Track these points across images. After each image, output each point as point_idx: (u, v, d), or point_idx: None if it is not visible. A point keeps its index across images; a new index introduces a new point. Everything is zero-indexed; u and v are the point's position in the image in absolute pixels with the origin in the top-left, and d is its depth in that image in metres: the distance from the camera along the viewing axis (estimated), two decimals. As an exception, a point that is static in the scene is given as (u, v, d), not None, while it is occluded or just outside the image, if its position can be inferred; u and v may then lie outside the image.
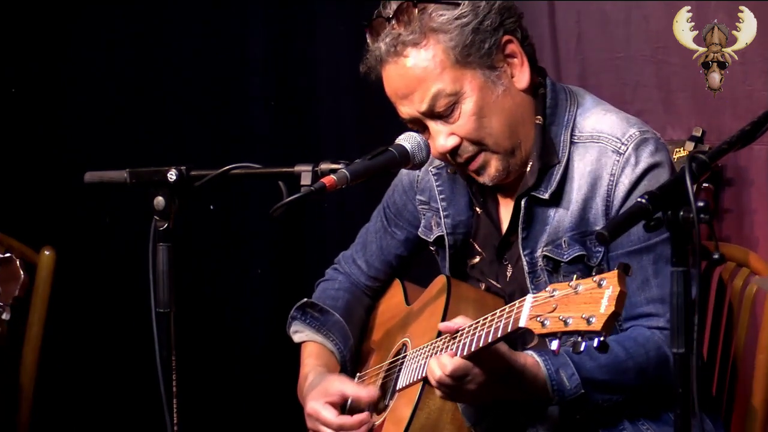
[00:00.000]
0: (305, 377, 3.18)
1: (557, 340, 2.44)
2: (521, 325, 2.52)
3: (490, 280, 3.06)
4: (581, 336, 2.40)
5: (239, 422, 4.56)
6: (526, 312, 2.52)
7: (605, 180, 2.89)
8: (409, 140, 2.85)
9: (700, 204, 2.18)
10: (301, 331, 3.26)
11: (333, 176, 2.72)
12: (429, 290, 3.11)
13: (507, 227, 3.00)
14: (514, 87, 2.93)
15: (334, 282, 3.34)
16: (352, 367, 3.25)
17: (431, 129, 2.92)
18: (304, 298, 3.28)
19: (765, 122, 2.33)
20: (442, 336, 2.82)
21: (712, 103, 3.94)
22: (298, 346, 3.27)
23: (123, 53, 4.48)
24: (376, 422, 3.01)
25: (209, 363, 4.44)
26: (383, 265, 3.31)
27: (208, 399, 4.42)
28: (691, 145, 3.81)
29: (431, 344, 2.88)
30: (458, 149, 2.91)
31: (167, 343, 2.74)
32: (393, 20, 2.89)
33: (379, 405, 3.05)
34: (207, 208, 4.48)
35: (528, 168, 2.94)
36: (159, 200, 2.76)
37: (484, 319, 2.67)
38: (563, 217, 2.92)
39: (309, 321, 3.25)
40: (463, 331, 2.74)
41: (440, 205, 3.10)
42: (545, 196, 2.92)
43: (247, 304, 4.61)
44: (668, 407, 2.83)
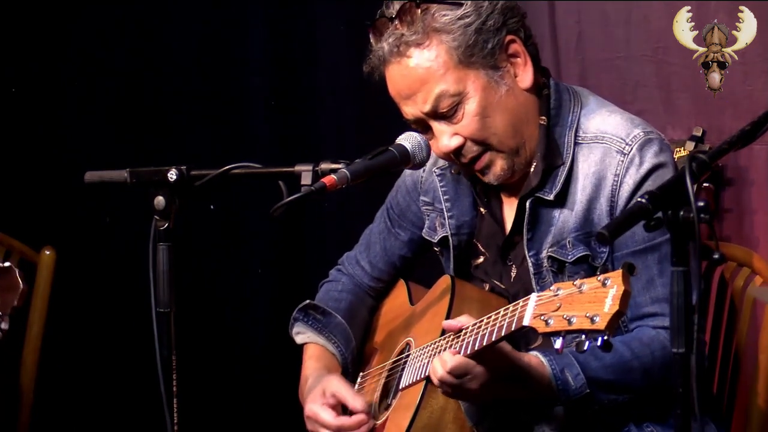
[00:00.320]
0: (306, 379, 3.18)
1: (561, 339, 2.44)
2: (525, 324, 2.52)
3: (494, 280, 3.05)
4: (585, 335, 2.40)
5: (239, 422, 4.55)
6: (531, 310, 2.52)
7: (609, 180, 2.89)
8: (410, 140, 2.85)
9: (701, 204, 2.18)
10: (303, 333, 3.25)
11: (333, 176, 2.72)
12: (433, 290, 3.10)
13: (511, 228, 3.00)
14: (517, 87, 2.92)
15: (338, 283, 3.34)
16: (354, 368, 3.24)
17: (435, 129, 2.92)
18: (305, 299, 3.27)
19: (765, 122, 2.33)
20: (446, 335, 2.82)
21: (712, 103, 3.94)
22: (299, 346, 3.27)
23: (123, 53, 4.48)
24: (379, 421, 3.01)
25: (209, 363, 4.43)
26: (387, 266, 3.30)
27: (209, 399, 4.41)
28: (692, 144, 3.80)
29: (434, 343, 2.88)
30: (462, 149, 2.91)
31: (167, 342, 2.74)
32: (396, 20, 2.88)
33: (381, 404, 3.05)
34: (207, 208, 4.47)
35: (532, 168, 2.94)
36: (159, 200, 2.76)
37: (488, 318, 2.67)
38: (568, 217, 2.92)
39: (311, 323, 3.24)
40: (466, 329, 2.74)
41: (444, 205, 3.09)
42: (550, 197, 2.92)
43: (247, 304, 4.60)
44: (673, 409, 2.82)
